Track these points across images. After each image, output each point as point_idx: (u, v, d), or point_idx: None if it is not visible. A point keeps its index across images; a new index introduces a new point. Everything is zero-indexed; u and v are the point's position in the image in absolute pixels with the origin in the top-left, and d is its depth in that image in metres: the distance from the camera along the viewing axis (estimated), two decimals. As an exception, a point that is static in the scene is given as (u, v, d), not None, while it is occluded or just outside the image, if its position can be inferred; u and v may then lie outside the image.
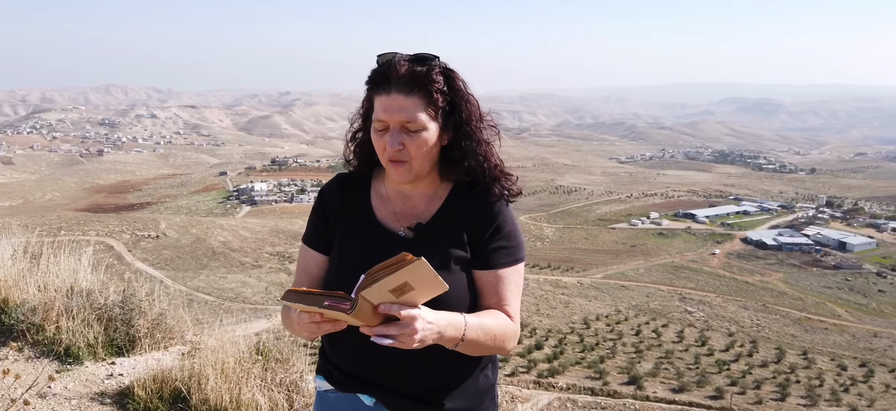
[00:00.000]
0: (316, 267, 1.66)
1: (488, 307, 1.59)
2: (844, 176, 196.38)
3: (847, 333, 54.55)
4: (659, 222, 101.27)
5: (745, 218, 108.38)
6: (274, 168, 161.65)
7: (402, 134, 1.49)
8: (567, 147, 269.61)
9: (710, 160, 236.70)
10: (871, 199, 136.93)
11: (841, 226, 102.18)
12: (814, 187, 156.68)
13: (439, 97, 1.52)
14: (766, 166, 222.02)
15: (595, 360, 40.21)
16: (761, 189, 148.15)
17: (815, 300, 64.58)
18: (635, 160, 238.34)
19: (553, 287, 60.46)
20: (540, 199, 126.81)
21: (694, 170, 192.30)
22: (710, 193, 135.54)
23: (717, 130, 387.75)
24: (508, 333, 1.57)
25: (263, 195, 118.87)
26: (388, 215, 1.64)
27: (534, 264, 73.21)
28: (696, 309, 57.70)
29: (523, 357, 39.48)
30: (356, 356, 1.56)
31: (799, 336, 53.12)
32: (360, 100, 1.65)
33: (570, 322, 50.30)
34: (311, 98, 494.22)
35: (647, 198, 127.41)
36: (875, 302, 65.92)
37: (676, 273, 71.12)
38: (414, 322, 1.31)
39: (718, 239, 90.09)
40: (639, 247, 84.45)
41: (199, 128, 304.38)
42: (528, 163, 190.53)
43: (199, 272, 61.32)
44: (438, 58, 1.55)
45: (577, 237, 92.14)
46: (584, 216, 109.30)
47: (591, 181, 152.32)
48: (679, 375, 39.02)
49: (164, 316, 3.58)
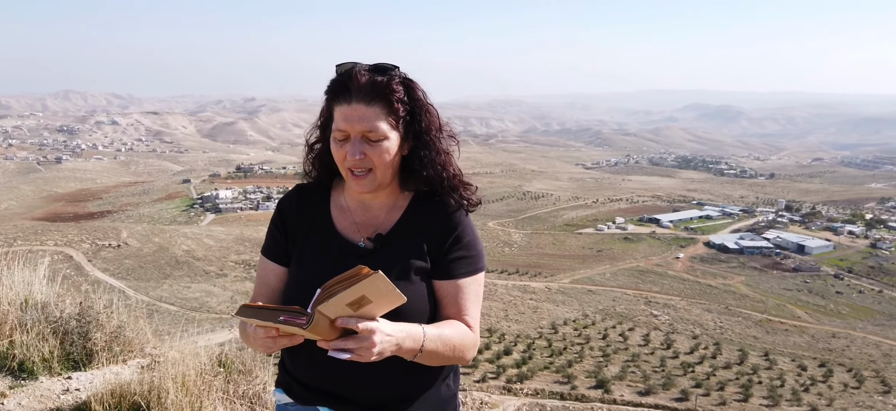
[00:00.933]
0: (275, 278, 1.64)
1: (448, 317, 1.59)
2: (802, 180, 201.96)
3: (806, 334, 55.94)
4: (624, 227, 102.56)
5: (708, 222, 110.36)
6: (239, 175, 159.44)
7: (363, 143, 1.49)
8: (534, 153, 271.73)
9: (674, 166, 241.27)
10: (827, 203, 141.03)
11: (799, 230, 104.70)
12: (773, 192, 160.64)
13: (400, 107, 1.52)
14: (728, 171, 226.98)
15: (563, 365, 40.52)
16: (723, 194, 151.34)
17: (775, 302, 66.11)
18: (601, 166, 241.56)
19: (521, 292, 60.78)
20: (508, 205, 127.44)
21: (658, 176, 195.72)
22: (674, 198, 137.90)
23: (681, 136, 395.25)
24: (467, 343, 1.57)
25: (228, 203, 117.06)
26: (347, 226, 1.63)
27: (502, 270, 73.52)
28: (661, 312, 58.59)
29: (492, 363, 39.59)
30: (315, 369, 1.54)
31: (760, 337, 54.32)
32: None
33: (539, 327, 50.62)
34: (277, 104, 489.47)
35: (613, 203, 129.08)
36: (833, 303, 67.73)
37: (642, 277, 72.13)
38: (372, 335, 1.30)
39: (682, 243, 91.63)
40: (605, 252, 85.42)
41: (161, 134, 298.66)
42: (496, 169, 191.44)
43: (162, 282, 60.10)
44: (398, 67, 1.55)
45: (545, 242, 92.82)
46: (552, 221, 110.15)
47: (558, 187, 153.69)
48: (645, 378, 39.55)
49: (123, 328, 3.49)
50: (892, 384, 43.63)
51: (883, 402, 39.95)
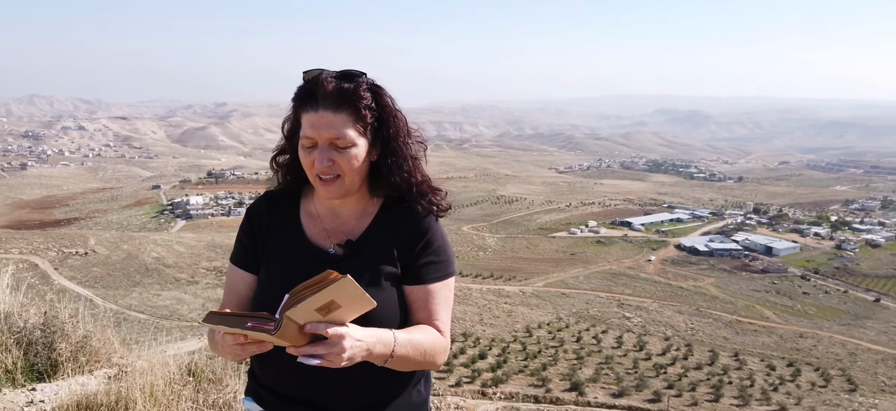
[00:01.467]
0: (244, 286, 1.64)
1: (419, 322, 1.59)
2: (769, 183, 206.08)
3: (775, 334, 57.00)
4: (597, 230, 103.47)
5: (679, 225, 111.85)
6: (210, 181, 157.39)
7: (331, 150, 1.48)
8: (508, 157, 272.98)
9: (645, 169, 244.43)
10: (794, 206, 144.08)
11: (767, 232, 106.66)
12: (741, 194, 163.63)
13: (367, 113, 1.52)
14: (697, 175, 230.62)
15: (538, 368, 40.72)
16: (693, 197, 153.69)
17: (744, 303, 67.25)
18: (574, 170, 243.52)
19: (496, 296, 60.94)
20: (482, 209, 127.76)
21: (629, 180, 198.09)
22: (645, 201, 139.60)
23: (651, 141, 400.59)
24: (438, 348, 1.57)
25: (199, 209, 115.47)
26: (317, 233, 1.62)
27: (477, 274, 73.65)
28: (633, 314, 59.21)
29: (467, 367, 39.62)
30: (285, 376, 1.52)
31: (731, 338, 55.20)
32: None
33: (513, 330, 50.79)
34: (249, 108, 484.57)
35: (586, 206, 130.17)
36: (800, 304, 69.12)
37: (615, 280, 72.83)
38: (342, 340, 1.30)
39: (654, 245, 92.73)
40: (578, 255, 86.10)
41: (130, 140, 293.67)
42: (470, 173, 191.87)
43: (132, 289, 59.02)
44: (365, 74, 1.54)
45: (519, 246, 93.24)
46: (526, 225, 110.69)
47: (531, 191, 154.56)
48: (619, 380, 39.91)
49: (90, 337, 3.41)
50: (857, 382, 44.68)
51: (849, 400, 40.89)
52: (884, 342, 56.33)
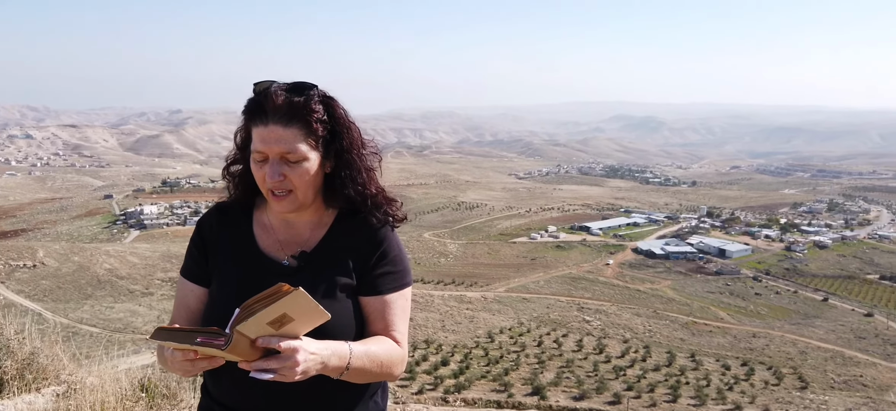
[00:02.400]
0: (195, 300, 1.60)
1: (375, 333, 1.57)
2: (722, 187, 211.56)
3: (729, 335, 58.41)
4: (556, 235, 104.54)
5: (635, 229, 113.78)
6: (165, 190, 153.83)
7: (283, 165, 1.45)
8: (468, 164, 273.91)
9: (602, 175, 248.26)
10: (745, 209, 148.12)
11: (720, 235, 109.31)
12: (695, 198, 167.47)
13: (319, 126, 1.49)
14: (653, 180, 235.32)
15: (500, 373, 40.83)
16: (649, 201, 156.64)
17: (700, 305, 68.77)
18: (533, 175, 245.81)
19: (458, 302, 60.98)
20: (443, 216, 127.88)
21: (587, 185, 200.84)
22: (603, 206, 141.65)
23: (608, 146, 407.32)
24: (395, 359, 1.55)
25: (154, 218, 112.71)
26: (271, 244, 1.60)
27: (438, 280, 73.58)
28: (593, 317, 59.95)
29: (430, 374, 39.49)
30: (239, 392, 1.49)
31: (687, 339, 56.36)
32: None
33: (475, 336, 50.87)
34: (205, 116, 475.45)
35: (545, 212, 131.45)
36: (752, 304, 71.03)
37: (574, 284, 73.65)
38: (295, 354, 1.27)
39: (612, 249, 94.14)
40: (538, 260, 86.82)
41: (80, 148, 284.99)
42: (431, 179, 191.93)
43: (83, 302, 57.16)
44: (317, 86, 1.52)
45: (480, 252, 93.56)
46: (487, 231, 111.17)
47: (491, 197, 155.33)
48: (579, 383, 40.31)
49: (37, 354, 3.27)
50: (808, 380, 46.13)
51: (800, 397, 42.15)
52: (832, 340, 58.32)
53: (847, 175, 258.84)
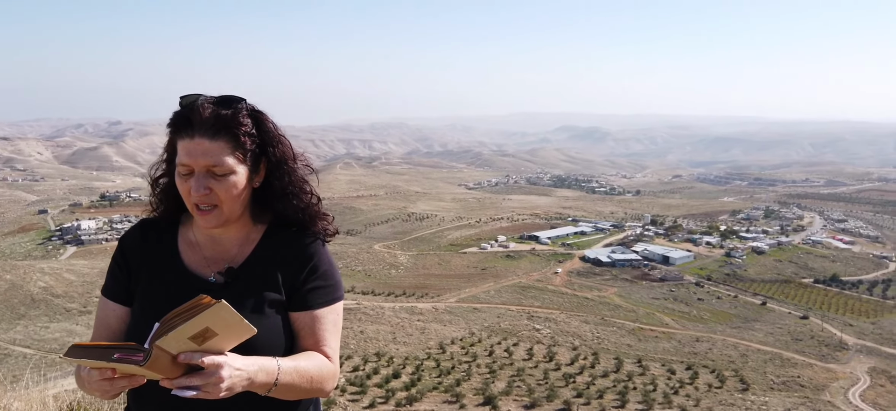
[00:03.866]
0: (116, 320, 1.56)
1: (306, 348, 1.55)
2: (665, 196, 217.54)
3: (674, 340, 59.87)
4: (506, 245, 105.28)
5: (583, 237, 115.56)
6: (104, 204, 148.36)
7: (209, 178, 1.43)
8: (418, 174, 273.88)
9: (550, 185, 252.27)
10: (687, 216, 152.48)
11: (664, 242, 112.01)
12: (640, 207, 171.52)
13: (247, 140, 1.47)
14: (599, 189, 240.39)
15: (452, 384, 40.74)
16: (595, 210, 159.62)
17: (645, 311, 70.26)
18: (482, 186, 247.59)
19: (409, 314, 60.67)
20: (393, 227, 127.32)
21: (536, 195, 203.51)
22: (551, 216, 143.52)
23: (555, 157, 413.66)
24: (326, 374, 1.53)
25: (92, 233, 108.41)
26: (197, 261, 1.57)
27: (389, 292, 73.09)
28: (543, 326, 60.54)
29: (381, 387, 39.09)
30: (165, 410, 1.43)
31: (634, 345, 57.49)
32: None
33: (427, 347, 50.67)
34: (145, 127, 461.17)
35: (495, 222, 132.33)
36: (695, 309, 73.01)
37: (524, 293, 74.26)
38: (219, 370, 1.23)
39: (560, 258, 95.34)
40: (489, 270, 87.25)
41: (12, 161, 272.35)
42: (381, 191, 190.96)
43: (16, 322, 54.46)
44: (245, 100, 1.51)
45: (431, 263, 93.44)
46: (437, 242, 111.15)
47: (441, 207, 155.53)
48: (530, 391, 40.59)
49: (-42, 379, 3.04)
50: (749, 382, 47.64)
51: (742, 399, 43.48)
52: (771, 342, 60.47)
53: (782, 183, 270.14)
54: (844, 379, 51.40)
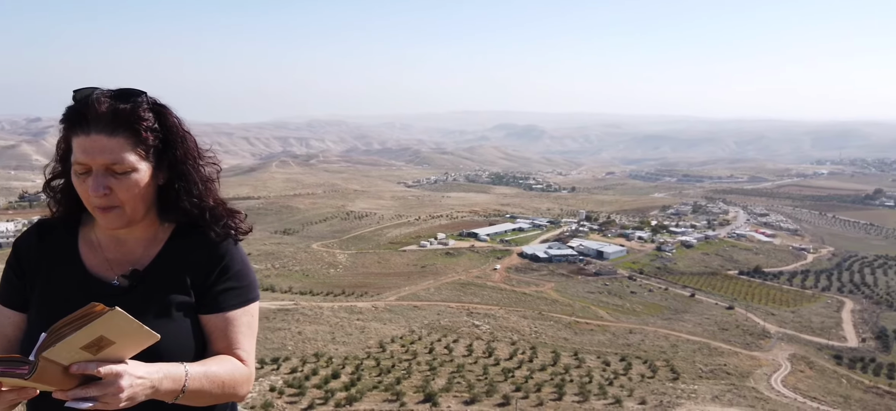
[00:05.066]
0: (12, 327, 1.48)
1: (218, 352, 1.49)
2: (599, 192, 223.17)
3: (608, 332, 61.55)
4: (446, 242, 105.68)
5: (521, 234, 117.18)
6: (23, 205, 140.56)
7: (108, 177, 1.36)
8: (356, 173, 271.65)
9: (488, 182, 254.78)
10: (620, 212, 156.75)
11: (598, 238, 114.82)
12: (575, 203, 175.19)
13: (149, 135, 1.41)
14: (536, 186, 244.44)
15: (392, 383, 40.66)
16: (532, 207, 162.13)
17: (581, 305, 71.93)
18: (422, 184, 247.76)
19: (348, 313, 60.16)
20: (331, 226, 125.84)
21: (474, 192, 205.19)
22: (490, 213, 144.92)
23: (493, 154, 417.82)
24: (239, 378, 1.47)
25: (9, 236, 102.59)
26: (99, 264, 1.49)
27: (328, 292, 72.27)
28: (482, 322, 61.15)
29: (320, 388, 38.65)
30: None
31: (570, 338, 58.81)
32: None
33: (367, 347, 50.38)
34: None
35: (434, 219, 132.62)
36: (628, 302, 75.24)
37: (464, 289, 74.79)
38: (118, 379, 1.16)
39: (499, 255, 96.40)
40: (429, 268, 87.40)
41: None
42: (319, 189, 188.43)
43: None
44: (146, 93, 1.44)
45: (370, 261, 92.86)
46: (376, 240, 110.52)
47: (381, 205, 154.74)
48: (470, 387, 40.95)
49: None
50: (679, 371, 49.51)
51: (673, 388, 45.15)
52: (699, 332, 63.02)
53: (708, 179, 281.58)
54: (767, 365, 54.13)
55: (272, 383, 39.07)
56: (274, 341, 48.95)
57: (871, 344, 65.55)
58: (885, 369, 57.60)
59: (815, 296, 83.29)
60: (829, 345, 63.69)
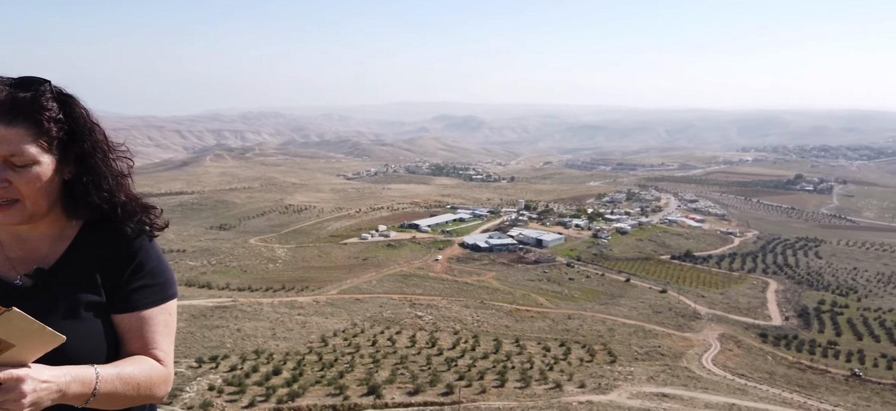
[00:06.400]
0: None
1: (133, 353, 1.44)
2: (537, 182, 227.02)
3: (548, 318, 62.86)
4: (387, 234, 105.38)
5: (462, 224, 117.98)
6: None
7: (7, 170, 1.31)
8: (294, 166, 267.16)
9: (429, 173, 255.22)
10: (558, 201, 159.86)
11: (537, 226, 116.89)
12: (514, 193, 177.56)
13: (53, 126, 1.35)
14: (476, 177, 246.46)
15: (335, 377, 40.40)
16: (473, 197, 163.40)
17: (522, 292, 73.17)
18: (362, 176, 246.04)
19: (289, 308, 59.30)
20: (270, 220, 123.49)
21: (415, 184, 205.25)
22: (431, 204, 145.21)
23: (433, 146, 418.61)
24: (155, 379, 1.42)
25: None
26: (0, 263, 1.44)
27: (267, 287, 71.01)
28: (425, 313, 61.40)
29: (261, 386, 38.03)
30: None
31: (511, 326, 59.77)
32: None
33: (308, 342, 49.84)
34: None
35: (375, 211, 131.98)
36: (567, 288, 76.99)
37: (406, 281, 74.86)
38: (20, 383, 1.11)
39: (440, 246, 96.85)
40: (370, 260, 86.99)
41: None
42: (255, 183, 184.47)
43: None
44: (49, 82, 1.38)
45: (311, 255, 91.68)
46: (316, 234, 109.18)
47: (320, 199, 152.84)
48: (414, 378, 41.11)
49: None
50: (616, 354, 51.07)
51: (610, 370, 46.53)
52: (634, 316, 65.15)
53: (641, 167, 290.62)
54: (698, 346, 56.51)
55: (211, 382, 38.17)
56: (212, 339, 47.81)
57: (793, 322, 69.34)
58: (807, 345, 61.08)
59: (741, 278, 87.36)
60: (756, 324, 67.01)
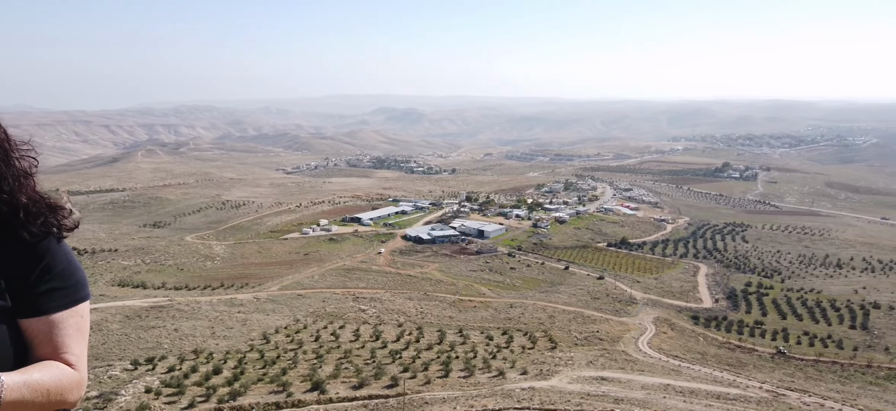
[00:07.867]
0: None
1: (42, 358, 1.38)
2: (478, 173, 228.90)
3: (491, 308, 63.80)
4: (329, 228, 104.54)
5: (404, 217, 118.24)
6: None
7: None
8: (231, 160, 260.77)
9: (370, 166, 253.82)
10: (498, 192, 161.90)
11: (479, 217, 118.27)
12: (456, 185, 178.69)
13: None
14: (417, 169, 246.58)
15: (277, 374, 39.95)
16: (415, 189, 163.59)
17: (465, 283, 73.96)
18: (302, 170, 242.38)
19: (228, 306, 58.14)
20: (206, 217, 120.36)
21: (356, 177, 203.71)
22: (373, 197, 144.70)
23: (373, 138, 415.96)
24: (67, 384, 1.36)
25: None
26: None
27: (205, 286, 69.36)
28: (368, 306, 61.30)
29: (201, 385, 37.23)
30: None
31: (455, 316, 60.38)
32: (13, 113, 1.36)
33: (249, 339, 49.05)
34: None
35: (316, 206, 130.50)
36: (509, 278, 78.25)
37: (349, 275, 74.48)
38: None
39: (383, 238, 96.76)
40: (312, 255, 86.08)
41: None
42: (190, 178, 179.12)
43: None
44: None
45: (250, 252, 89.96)
46: (256, 229, 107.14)
47: (259, 193, 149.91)
48: (358, 372, 41.08)
49: None
50: (557, 340, 52.38)
51: (552, 356, 47.69)
52: (574, 303, 66.85)
53: (578, 158, 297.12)
54: (635, 330, 58.54)
55: (148, 384, 37.12)
56: (148, 340, 46.45)
57: (723, 304, 72.63)
58: (736, 326, 64.16)
59: (674, 263, 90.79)
60: (688, 308, 69.86)
